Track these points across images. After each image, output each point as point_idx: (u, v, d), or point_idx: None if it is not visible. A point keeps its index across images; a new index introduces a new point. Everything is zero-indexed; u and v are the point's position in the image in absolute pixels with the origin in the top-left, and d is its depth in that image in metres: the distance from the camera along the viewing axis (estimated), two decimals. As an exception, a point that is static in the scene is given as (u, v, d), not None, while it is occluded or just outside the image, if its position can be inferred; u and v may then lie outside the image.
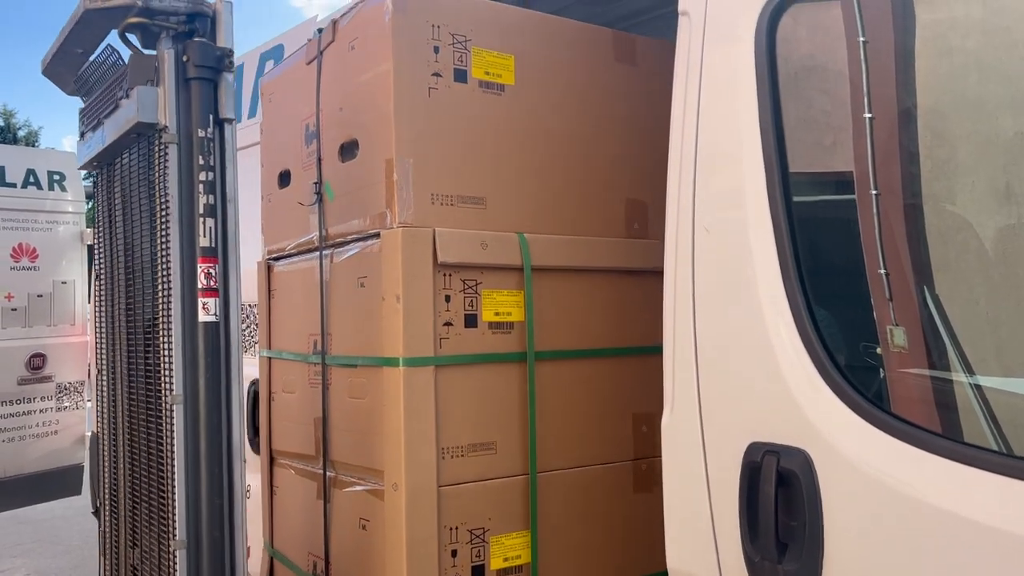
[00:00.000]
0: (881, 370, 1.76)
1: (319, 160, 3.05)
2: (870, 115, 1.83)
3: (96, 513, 4.43)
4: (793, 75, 1.89)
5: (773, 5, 1.84)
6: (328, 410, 2.98)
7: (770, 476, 1.70)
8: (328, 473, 2.99)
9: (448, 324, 2.65)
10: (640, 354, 2.98)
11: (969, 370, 1.71)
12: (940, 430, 1.68)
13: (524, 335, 2.78)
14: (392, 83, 2.62)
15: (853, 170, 1.87)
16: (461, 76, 2.73)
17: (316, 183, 3.04)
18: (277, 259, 3.47)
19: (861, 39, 1.85)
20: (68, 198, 6.78)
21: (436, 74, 2.68)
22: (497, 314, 2.76)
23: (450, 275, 2.66)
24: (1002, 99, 1.71)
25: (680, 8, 2.03)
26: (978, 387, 1.67)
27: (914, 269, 1.81)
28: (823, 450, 1.66)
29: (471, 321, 2.71)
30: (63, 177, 6.74)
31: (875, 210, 1.83)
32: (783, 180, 1.80)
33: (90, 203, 7.39)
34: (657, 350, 2.40)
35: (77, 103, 3.24)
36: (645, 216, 3.07)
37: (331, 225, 2.99)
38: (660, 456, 2.32)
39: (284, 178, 3.38)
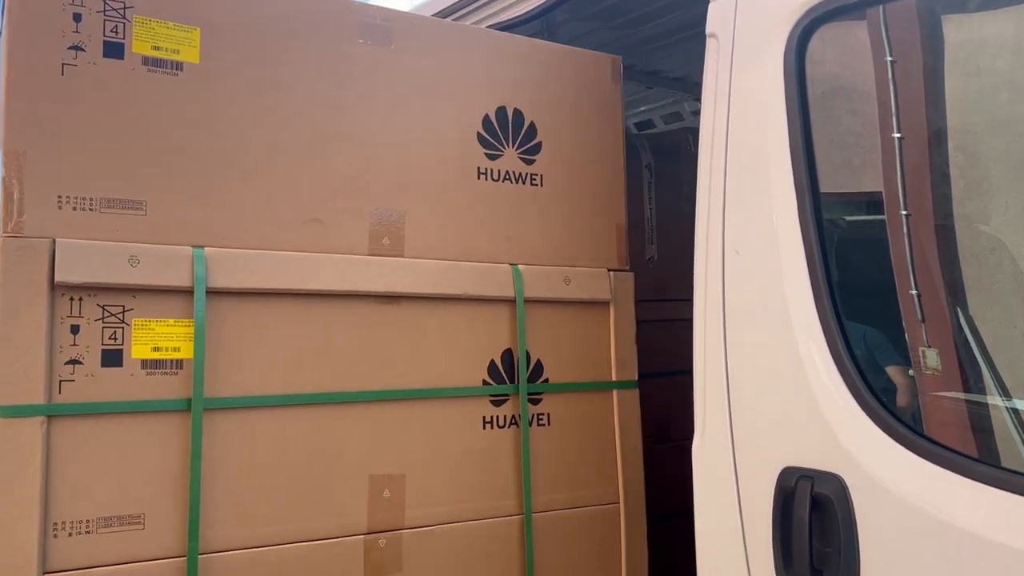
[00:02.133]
0: (916, 393, 1.74)
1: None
2: (900, 135, 1.82)
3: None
4: (822, 96, 1.89)
5: (802, 27, 1.83)
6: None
7: (804, 501, 1.68)
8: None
9: (74, 362, 2.12)
10: (379, 399, 2.54)
11: (1005, 393, 1.69)
12: (977, 455, 1.65)
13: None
14: (3, 57, 2.13)
15: (884, 191, 1.86)
16: (115, 51, 2.23)
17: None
18: None
19: (889, 59, 1.84)
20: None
21: (76, 47, 2.18)
22: (156, 349, 2.22)
23: (80, 300, 2.13)
24: (1036, 118, 1.69)
25: (708, 30, 2.03)
26: (1015, 411, 1.65)
27: (947, 290, 1.79)
28: (858, 475, 1.64)
29: (112, 359, 2.16)
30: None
31: (907, 231, 1.81)
32: (814, 201, 1.79)
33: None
34: (402, 394, 2.43)
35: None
36: (400, 229, 2.64)
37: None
38: (404, 529, 2.44)
39: None
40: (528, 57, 2.96)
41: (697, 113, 2.06)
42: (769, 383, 1.82)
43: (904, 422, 1.64)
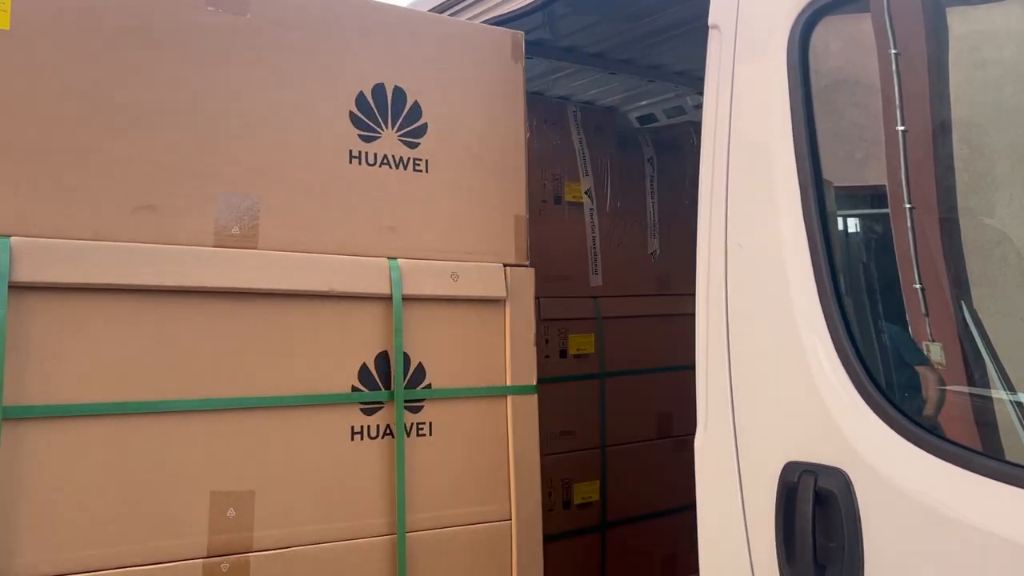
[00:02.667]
0: (921, 388, 1.73)
1: None
2: (904, 128, 1.80)
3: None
4: (826, 88, 1.87)
5: (805, 18, 1.82)
6: None
7: (807, 496, 1.67)
8: None
9: None
10: (226, 408, 2.32)
11: (1010, 387, 1.67)
12: (982, 449, 1.64)
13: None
14: None
15: (888, 184, 1.85)
16: None
17: None
18: None
19: (893, 51, 1.82)
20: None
21: None
22: None
23: None
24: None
25: (710, 21, 2.02)
26: (1020, 405, 1.63)
27: (952, 284, 1.78)
28: (862, 470, 1.63)
29: None
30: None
31: (911, 225, 1.80)
32: (817, 194, 1.78)
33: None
34: (255, 403, 2.22)
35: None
36: (254, 218, 2.39)
37: None
38: (252, 552, 2.28)
39: None
40: (415, 31, 2.73)
41: (699, 107, 2.05)
42: (772, 377, 1.81)
43: (908, 416, 1.63)
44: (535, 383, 2.80)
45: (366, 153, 2.59)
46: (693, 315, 1.99)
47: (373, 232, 2.58)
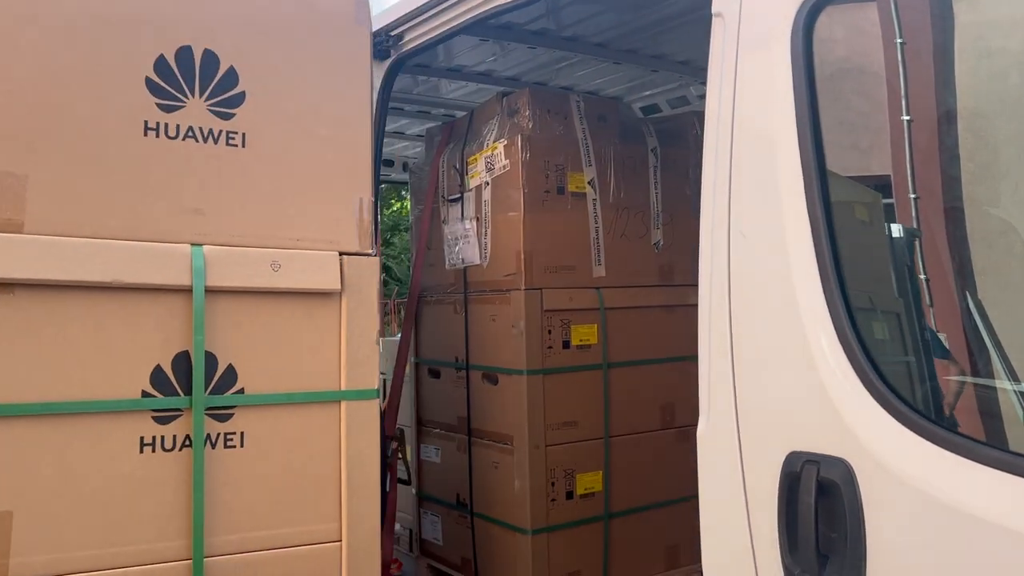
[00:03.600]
0: (925, 378, 1.72)
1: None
2: (909, 117, 1.79)
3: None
4: (830, 77, 1.86)
5: (809, 6, 1.81)
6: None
7: (810, 486, 1.67)
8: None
9: None
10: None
11: (1014, 377, 1.67)
12: (985, 439, 1.64)
13: None
14: None
15: (892, 173, 1.84)
16: None
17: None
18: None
19: (898, 40, 1.81)
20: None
21: None
22: None
23: None
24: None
25: (714, 9, 2.01)
26: (1024, 395, 1.63)
27: (957, 274, 1.77)
28: (865, 460, 1.62)
29: None
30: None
31: (915, 214, 1.79)
32: (821, 184, 1.77)
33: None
34: (16, 410, 1.98)
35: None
36: (19, 198, 2.10)
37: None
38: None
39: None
40: None
41: (703, 97, 2.03)
42: (775, 367, 1.80)
43: (911, 406, 1.62)
44: (376, 387, 2.49)
45: (166, 124, 2.28)
46: (696, 306, 1.99)
47: (174, 215, 2.27)
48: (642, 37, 4.18)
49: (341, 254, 2.47)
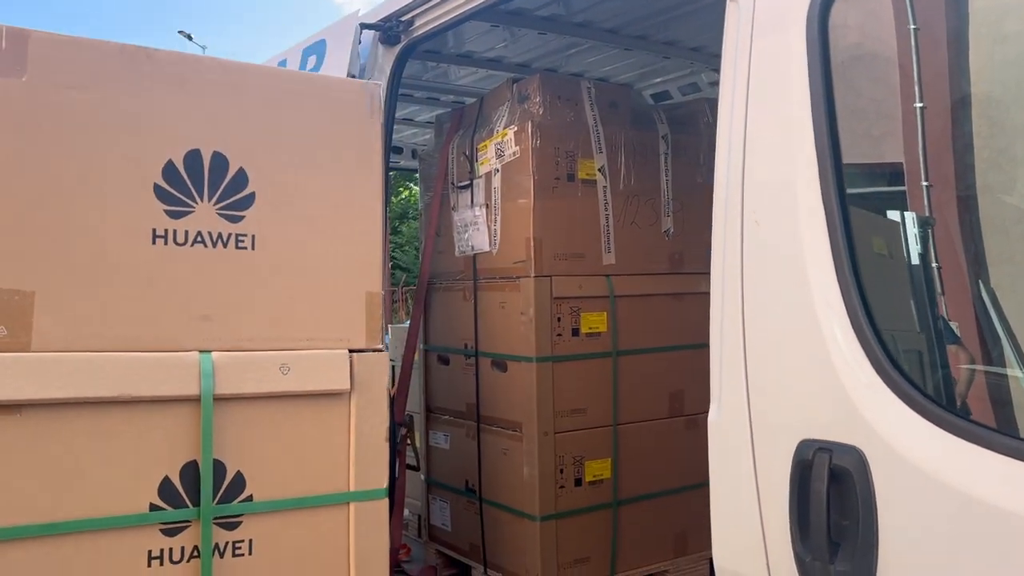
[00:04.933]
0: (938, 365, 1.72)
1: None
2: (923, 104, 1.78)
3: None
4: (844, 63, 1.85)
5: (824, -9, 1.80)
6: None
7: (822, 474, 1.66)
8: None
9: None
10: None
11: (1028, 365, 1.66)
12: (997, 426, 1.64)
13: None
14: None
15: (906, 160, 1.83)
16: None
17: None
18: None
19: (913, 26, 1.80)
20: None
21: None
22: None
23: None
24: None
25: (728, -5, 1.99)
26: (1039, 383, 1.62)
27: (971, 262, 1.76)
28: (877, 447, 1.62)
29: None
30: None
31: (929, 202, 1.78)
32: (835, 171, 1.76)
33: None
34: (24, 532, 1.94)
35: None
36: (26, 315, 2.09)
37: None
38: None
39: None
40: (240, 86, 2.38)
41: (714, 84, 2.02)
42: (787, 354, 1.80)
43: (925, 394, 1.62)
44: (385, 486, 2.46)
45: (174, 231, 2.26)
46: (706, 294, 1.98)
47: (182, 323, 2.24)
48: (653, 23, 4.15)
49: (351, 351, 2.43)
